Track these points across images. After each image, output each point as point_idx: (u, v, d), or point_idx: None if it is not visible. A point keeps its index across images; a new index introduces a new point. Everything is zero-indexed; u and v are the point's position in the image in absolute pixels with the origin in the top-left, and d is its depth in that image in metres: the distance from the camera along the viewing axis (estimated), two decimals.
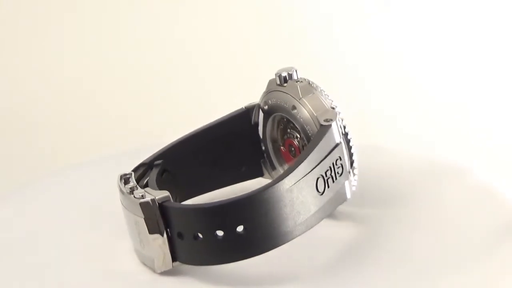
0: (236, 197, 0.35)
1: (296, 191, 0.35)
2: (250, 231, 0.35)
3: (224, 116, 0.44)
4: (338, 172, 0.36)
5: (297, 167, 0.35)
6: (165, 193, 0.36)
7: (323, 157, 0.36)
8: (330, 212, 0.37)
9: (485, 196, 0.44)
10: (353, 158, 0.37)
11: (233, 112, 0.44)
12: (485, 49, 1.01)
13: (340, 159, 0.37)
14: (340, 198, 0.37)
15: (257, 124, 0.43)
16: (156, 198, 0.36)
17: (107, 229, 0.42)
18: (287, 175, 0.35)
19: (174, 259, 0.37)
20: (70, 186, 0.50)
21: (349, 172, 0.37)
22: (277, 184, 0.35)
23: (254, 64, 0.96)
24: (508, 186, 0.46)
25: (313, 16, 1.00)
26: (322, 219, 0.36)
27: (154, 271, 0.37)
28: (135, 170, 0.40)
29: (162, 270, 0.37)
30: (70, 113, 0.96)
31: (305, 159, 0.35)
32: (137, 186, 0.38)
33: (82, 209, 0.45)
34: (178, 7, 1.00)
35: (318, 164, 0.35)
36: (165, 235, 0.36)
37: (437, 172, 0.48)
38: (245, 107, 0.43)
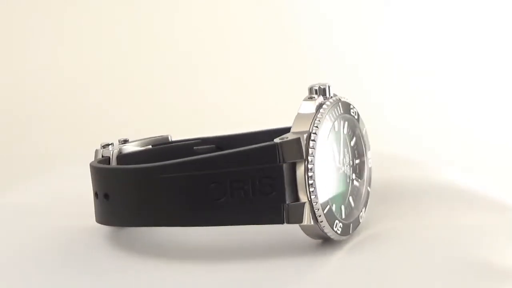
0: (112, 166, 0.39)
1: (177, 183, 0.35)
2: (113, 200, 0.37)
3: None
4: (261, 190, 0.35)
5: (185, 161, 0.36)
6: (108, 154, 0.40)
7: (234, 167, 0.35)
8: (238, 223, 0.36)
9: (483, 197, 0.44)
10: (312, 188, 0.35)
11: None
12: (485, 49, 1.01)
13: (273, 180, 0.35)
14: (268, 217, 0.36)
15: None
16: (102, 150, 0.40)
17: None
18: (170, 164, 0.36)
19: None
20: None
21: (308, 199, 0.35)
22: (151, 167, 0.36)
23: (251, 67, 0.96)
24: (506, 189, 0.46)
25: (313, 16, 1.00)
26: (219, 225, 0.36)
27: None
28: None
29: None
30: (71, 113, 0.96)
31: (196, 159, 0.36)
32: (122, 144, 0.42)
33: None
34: (176, 8, 1.00)
35: (220, 171, 0.35)
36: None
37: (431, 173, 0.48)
38: None
